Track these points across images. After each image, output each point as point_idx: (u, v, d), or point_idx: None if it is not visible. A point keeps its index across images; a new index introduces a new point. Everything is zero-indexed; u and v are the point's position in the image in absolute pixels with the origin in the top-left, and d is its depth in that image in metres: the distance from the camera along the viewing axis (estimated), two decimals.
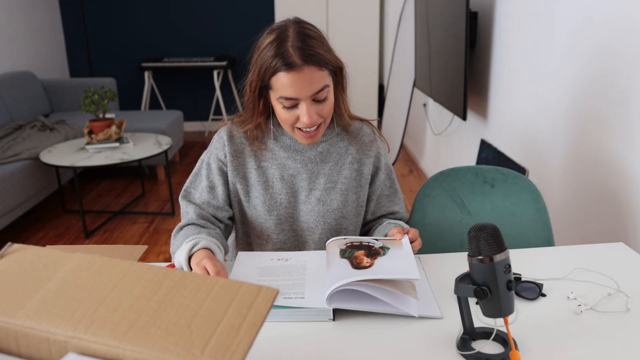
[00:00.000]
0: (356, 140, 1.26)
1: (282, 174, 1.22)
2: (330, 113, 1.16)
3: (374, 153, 1.27)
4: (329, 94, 1.14)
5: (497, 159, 2.37)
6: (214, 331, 0.62)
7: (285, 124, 1.16)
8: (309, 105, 1.11)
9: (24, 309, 0.66)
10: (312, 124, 1.12)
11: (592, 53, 1.79)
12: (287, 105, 1.12)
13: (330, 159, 1.24)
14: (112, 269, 0.71)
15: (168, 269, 0.72)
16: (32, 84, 4.29)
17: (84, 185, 4.05)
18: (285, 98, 1.10)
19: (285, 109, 1.13)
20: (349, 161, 1.25)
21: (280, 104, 1.12)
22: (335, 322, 0.96)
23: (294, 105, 1.11)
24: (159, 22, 5.32)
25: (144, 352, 0.60)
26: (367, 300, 0.97)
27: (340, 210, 1.24)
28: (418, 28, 3.51)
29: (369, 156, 1.26)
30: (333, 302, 0.96)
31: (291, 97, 1.10)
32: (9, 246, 0.77)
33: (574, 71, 1.90)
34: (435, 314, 0.97)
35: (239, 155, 1.23)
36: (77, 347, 0.62)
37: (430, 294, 1.04)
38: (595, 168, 1.78)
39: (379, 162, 1.28)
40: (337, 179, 1.24)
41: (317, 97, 1.11)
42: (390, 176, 1.33)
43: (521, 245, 1.38)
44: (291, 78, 1.08)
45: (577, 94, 1.89)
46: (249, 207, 1.24)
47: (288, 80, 1.08)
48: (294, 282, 1.05)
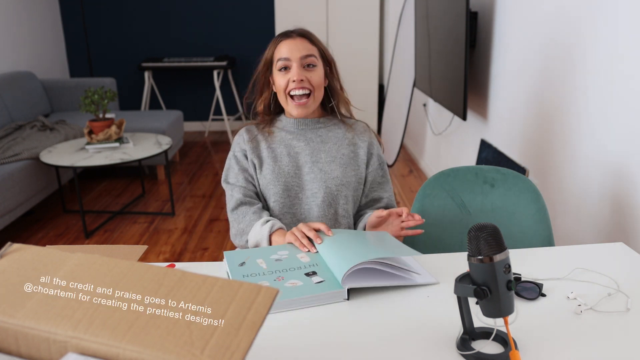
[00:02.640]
0: (352, 128, 1.47)
1: (288, 151, 1.43)
2: (318, 84, 1.38)
3: (367, 139, 1.45)
4: (317, 68, 1.38)
5: (497, 159, 2.37)
6: (214, 331, 0.62)
7: (281, 93, 1.39)
8: (299, 67, 1.36)
9: (24, 309, 0.66)
10: (299, 80, 1.35)
11: (592, 52, 1.79)
12: (282, 68, 1.37)
13: (330, 141, 1.43)
14: (112, 269, 0.71)
15: (168, 269, 0.72)
16: (32, 84, 4.28)
17: (84, 185, 4.05)
18: (281, 59, 1.37)
19: (281, 74, 1.37)
20: (346, 143, 1.44)
21: (278, 70, 1.38)
22: (332, 322, 0.96)
23: (286, 68, 1.37)
24: (159, 22, 5.32)
25: (144, 352, 0.60)
26: (377, 277, 1.07)
27: (340, 179, 1.40)
28: (418, 28, 3.50)
29: (363, 141, 1.45)
30: (347, 283, 1.03)
31: (285, 57, 1.36)
32: (8, 246, 0.77)
33: (574, 71, 1.90)
34: (432, 280, 1.09)
35: (254, 140, 1.46)
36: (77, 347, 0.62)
37: (420, 267, 1.15)
38: (595, 168, 1.78)
39: (372, 148, 1.46)
40: (336, 155, 1.42)
41: (306, 61, 1.37)
42: (383, 167, 1.47)
43: (521, 245, 1.38)
44: (286, 43, 1.38)
45: (577, 93, 1.89)
46: (262, 177, 1.43)
47: (284, 45, 1.38)
48: (301, 270, 1.11)
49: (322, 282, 1.05)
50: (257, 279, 1.07)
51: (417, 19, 3.49)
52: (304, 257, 1.16)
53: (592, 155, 1.80)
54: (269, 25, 5.23)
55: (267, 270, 1.10)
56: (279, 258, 1.16)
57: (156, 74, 5.43)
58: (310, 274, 1.09)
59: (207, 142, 5.33)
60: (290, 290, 1.03)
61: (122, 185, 4.04)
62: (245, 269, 1.11)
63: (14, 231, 3.22)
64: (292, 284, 1.05)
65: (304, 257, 1.16)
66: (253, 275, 1.08)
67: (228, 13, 5.30)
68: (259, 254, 1.18)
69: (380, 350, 0.87)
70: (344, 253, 1.11)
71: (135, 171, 4.32)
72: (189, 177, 4.25)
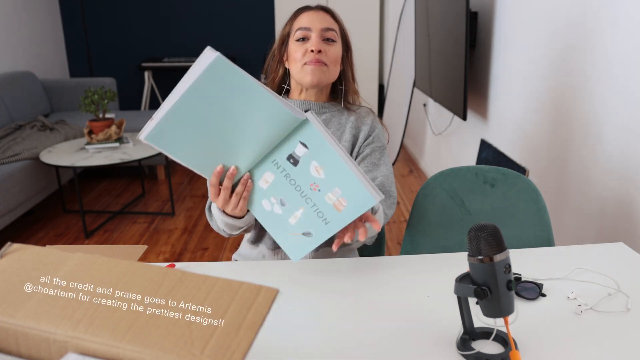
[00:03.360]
0: (355, 113, 1.39)
1: None
2: (334, 61, 1.30)
3: (369, 122, 1.37)
4: (336, 44, 1.31)
5: (497, 159, 2.37)
6: (214, 331, 0.62)
7: (296, 63, 1.30)
8: (318, 38, 1.28)
9: (24, 309, 0.66)
10: (318, 49, 1.26)
11: (592, 52, 1.79)
12: (300, 37, 1.29)
13: (332, 126, 1.37)
14: (112, 269, 0.71)
15: (168, 269, 0.72)
16: (32, 84, 4.28)
17: (84, 185, 4.05)
18: (301, 28, 1.30)
19: (299, 43, 1.29)
20: (348, 127, 1.36)
21: (296, 40, 1.30)
22: (332, 322, 0.96)
23: (306, 37, 1.29)
24: (159, 22, 5.32)
25: (144, 352, 0.60)
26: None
27: None
28: (418, 28, 3.50)
29: (365, 124, 1.37)
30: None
31: (305, 27, 1.29)
32: (8, 246, 0.77)
33: (574, 71, 1.90)
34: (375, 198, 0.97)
35: None
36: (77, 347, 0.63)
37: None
38: (595, 168, 1.78)
39: (373, 130, 1.37)
40: (339, 140, 1.36)
41: (326, 34, 1.29)
42: (382, 150, 1.36)
43: (521, 245, 1.38)
44: (307, 14, 1.32)
45: (577, 93, 1.89)
46: None
47: (305, 15, 1.32)
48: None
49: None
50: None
51: (417, 19, 3.49)
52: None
53: (592, 155, 1.80)
54: (268, 26, 5.23)
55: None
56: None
57: (156, 74, 5.43)
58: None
59: None
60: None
61: (122, 185, 4.04)
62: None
63: (14, 231, 3.22)
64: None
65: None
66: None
67: (228, 13, 5.30)
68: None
69: (380, 350, 0.87)
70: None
71: (135, 171, 4.32)
72: (188, 177, 4.25)
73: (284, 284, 1.08)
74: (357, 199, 0.97)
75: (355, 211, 0.98)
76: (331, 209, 1.00)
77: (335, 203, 0.99)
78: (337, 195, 0.99)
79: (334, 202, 0.99)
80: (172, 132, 0.96)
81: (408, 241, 1.47)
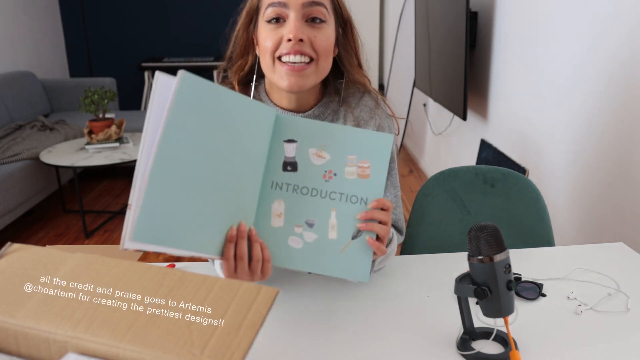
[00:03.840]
0: (355, 109, 1.04)
1: None
2: (325, 51, 0.95)
3: (374, 125, 1.04)
4: (326, 25, 0.95)
5: (497, 159, 2.37)
6: (214, 331, 0.62)
7: (266, 55, 0.95)
8: (298, 18, 0.92)
9: (24, 309, 0.66)
10: (297, 38, 0.91)
11: (592, 52, 1.79)
12: (273, 17, 0.93)
13: None
14: (112, 269, 0.71)
15: (168, 269, 0.72)
16: (32, 84, 4.28)
17: (84, 185, 4.05)
18: (273, 4, 0.93)
19: (270, 27, 0.94)
20: None
21: (267, 22, 0.95)
22: (332, 323, 0.96)
23: (281, 17, 0.93)
24: (159, 22, 5.32)
25: (144, 352, 0.60)
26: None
27: None
28: (418, 28, 3.50)
29: (368, 127, 1.04)
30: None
31: (278, 1, 0.92)
32: (8, 246, 0.77)
33: (574, 71, 1.90)
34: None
35: None
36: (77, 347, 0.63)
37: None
38: (595, 168, 1.78)
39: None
40: None
41: (310, 11, 0.93)
42: (391, 170, 1.05)
43: (521, 245, 1.38)
44: None
45: (577, 93, 1.89)
46: None
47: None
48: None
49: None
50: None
51: (417, 19, 3.49)
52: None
53: (592, 155, 1.80)
54: None
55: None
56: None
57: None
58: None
59: None
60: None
61: (122, 185, 4.04)
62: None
63: (14, 231, 3.22)
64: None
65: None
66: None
67: (228, 13, 5.30)
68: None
69: (380, 349, 0.87)
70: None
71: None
72: None
73: (284, 284, 1.08)
74: (374, 148, 0.83)
75: (382, 163, 0.83)
76: (359, 182, 0.84)
77: (359, 172, 0.84)
78: (355, 163, 0.84)
79: (358, 173, 0.84)
80: (165, 204, 0.70)
81: (408, 241, 1.47)
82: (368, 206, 0.84)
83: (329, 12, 0.96)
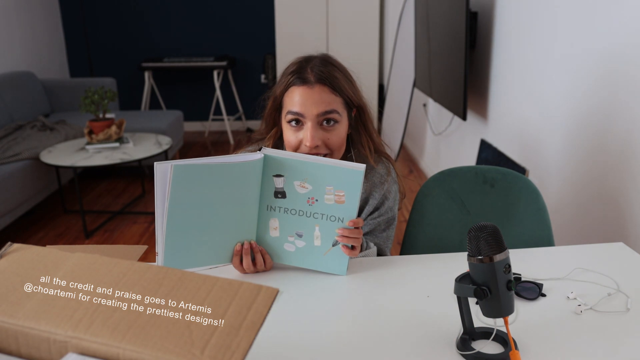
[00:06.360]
0: (366, 179, 1.21)
1: None
2: (339, 146, 1.15)
3: (382, 191, 1.23)
4: (338, 125, 1.13)
5: (497, 159, 2.37)
6: (214, 331, 0.62)
7: (290, 145, 1.15)
8: (314, 127, 1.11)
9: (24, 309, 0.66)
10: (313, 146, 1.11)
11: (592, 53, 1.79)
12: (292, 121, 1.12)
13: None
14: (112, 269, 0.71)
15: (168, 269, 0.72)
16: (32, 84, 4.28)
17: (84, 185, 4.05)
18: (291, 112, 1.12)
19: (292, 129, 1.14)
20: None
21: (287, 122, 1.14)
22: (332, 323, 0.96)
23: (299, 122, 1.12)
24: (159, 22, 5.32)
25: (144, 352, 0.60)
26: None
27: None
28: (418, 28, 3.50)
29: (376, 192, 1.23)
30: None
31: (297, 112, 1.11)
32: (8, 246, 0.77)
33: (574, 71, 1.90)
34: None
35: None
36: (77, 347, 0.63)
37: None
38: (595, 168, 1.78)
39: (381, 204, 1.24)
40: None
41: (324, 118, 1.11)
42: (390, 222, 1.25)
43: (521, 245, 1.38)
44: (301, 92, 1.11)
45: (577, 93, 1.89)
46: None
47: (297, 94, 1.11)
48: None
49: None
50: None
51: (417, 19, 3.49)
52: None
53: (592, 155, 1.80)
54: (269, 25, 5.23)
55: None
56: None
57: (156, 74, 5.43)
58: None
59: (207, 142, 5.33)
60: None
61: (122, 185, 4.04)
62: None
63: (14, 231, 3.22)
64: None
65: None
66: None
67: (228, 13, 5.30)
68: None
69: (380, 349, 0.87)
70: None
71: (135, 171, 4.32)
72: None
73: (284, 284, 1.08)
74: (348, 180, 1.02)
75: (354, 192, 1.03)
76: (336, 206, 1.04)
77: (336, 199, 1.04)
78: (332, 192, 1.03)
79: (335, 200, 1.04)
80: (181, 247, 1.01)
81: (408, 241, 1.47)
82: (345, 224, 1.06)
83: (342, 111, 1.14)
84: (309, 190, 1.04)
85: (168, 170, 0.94)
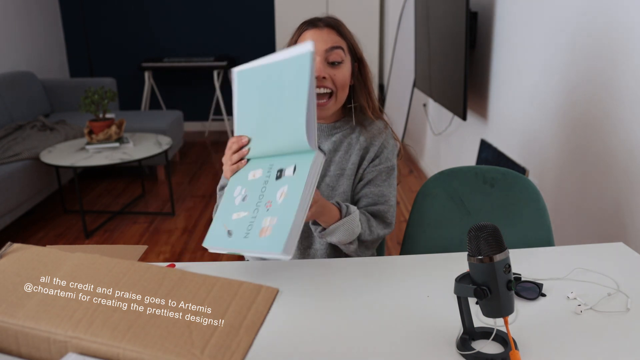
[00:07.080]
0: (367, 130, 1.34)
1: None
2: (342, 85, 1.25)
3: (379, 142, 1.33)
4: (343, 65, 1.25)
5: (497, 159, 2.37)
6: (214, 331, 0.62)
7: None
8: (322, 62, 1.23)
9: (24, 309, 0.66)
10: (321, 77, 1.22)
11: (592, 53, 1.79)
12: None
13: (341, 148, 1.33)
14: (112, 269, 0.71)
15: (168, 269, 0.72)
16: (32, 84, 4.29)
17: (84, 185, 4.05)
18: None
19: None
20: (357, 148, 1.32)
21: None
22: (332, 323, 0.96)
23: None
24: (159, 22, 5.32)
25: (144, 352, 0.60)
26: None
27: (346, 193, 1.32)
28: (418, 28, 3.50)
29: (374, 145, 1.33)
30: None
31: None
32: (8, 246, 0.77)
33: (574, 71, 1.90)
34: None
35: None
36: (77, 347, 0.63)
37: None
38: (595, 168, 1.78)
39: (380, 152, 1.34)
40: (345, 165, 1.32)
41: (331, 55, 1.23)
42: (390, 172, 1.33)
43: (521, 245, 1.38)
44: (310, 33, 1.26)
45: (577, 93, 1.89)
46: None
47: (307, 35, 1.26)
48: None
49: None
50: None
51: (417, 19, 3.49)
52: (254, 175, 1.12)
53: (592, 155, 1.80)
54: (268, 25, 5.23)
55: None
56: (242, 196, 1.10)
57: (156, 74, 5.43)
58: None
59: (207, 142, 5.33)
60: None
61: (122, 185, 4.04)
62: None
63: (14, 231, 3.22)
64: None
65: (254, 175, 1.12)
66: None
67: (228, 13, 5.30)
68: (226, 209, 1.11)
69: (380, 350, 0.87)
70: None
71: (135, 171, 4.32)
72: (189, 177, 4.25)
73: (284, 284, 1.09)
74: (278, 239, 0.95)
75: (268, 247, 0.96)
76: (258, 231, 1.00)
77: (264, 228, 0.99)
78: (271, 223, 0.98)
79: (263, 227, 0.99)
80: (249, 86, 1.15)
81: (408, 241, 1.47)
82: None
83: (346, 53, 1.27)
84: (278, 202, 1.02)
85: (305, 50, 1.02)
